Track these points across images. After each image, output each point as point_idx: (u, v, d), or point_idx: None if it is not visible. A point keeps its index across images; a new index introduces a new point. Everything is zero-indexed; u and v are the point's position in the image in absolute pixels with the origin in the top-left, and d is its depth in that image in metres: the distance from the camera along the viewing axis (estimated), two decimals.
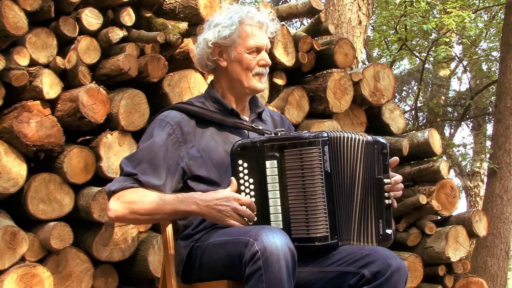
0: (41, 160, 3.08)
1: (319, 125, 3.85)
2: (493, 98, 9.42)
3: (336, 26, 5.62)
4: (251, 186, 2.00)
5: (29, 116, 2.98)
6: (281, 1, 11.59)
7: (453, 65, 12.46)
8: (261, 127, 2.22)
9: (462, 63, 11.22)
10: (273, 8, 4.32)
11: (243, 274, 1.83)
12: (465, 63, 11.15)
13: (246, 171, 2.00)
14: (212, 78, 2.34)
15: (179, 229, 2.19)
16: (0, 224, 2.85)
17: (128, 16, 3.35)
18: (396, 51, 10.80)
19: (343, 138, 2.06)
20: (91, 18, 3.21)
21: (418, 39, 10.83)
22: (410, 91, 13.10)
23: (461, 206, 17.47)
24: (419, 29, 9.36)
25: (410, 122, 11.48)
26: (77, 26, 3.19)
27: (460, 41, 10.57)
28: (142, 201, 2.02)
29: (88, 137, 3.26)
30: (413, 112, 11.37)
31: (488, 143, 11.31)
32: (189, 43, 3.45)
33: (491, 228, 6.70)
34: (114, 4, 3.35)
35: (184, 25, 3.48)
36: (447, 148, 10.91)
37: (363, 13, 5.78)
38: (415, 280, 4.01)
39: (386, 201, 2.09)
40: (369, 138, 2.11)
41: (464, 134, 35.22)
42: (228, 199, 1.94)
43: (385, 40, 11.16)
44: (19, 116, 2.96)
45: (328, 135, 2.02)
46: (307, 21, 6.19)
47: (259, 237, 1.81)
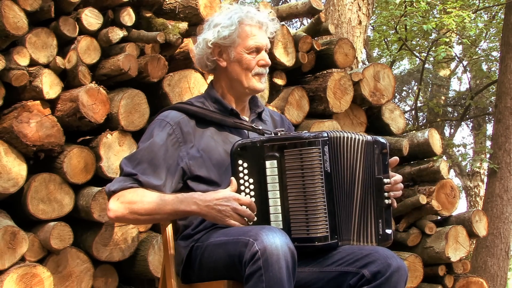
0: (41, 160, 3.08)
1: (319, 125, 3.84)
2: (493, 98, 9.42)
3: (336, 26, 5.62)
4: (251, 186, 2.00)
5: (29, 116, 2.98)
6: (281, 1, 11.59)
7: (453, 65, 12.45)
8: (261, 127, 2.21)
9: (462, 63, 11.21)
10: (273, 8, 4.31)
11: (243, 274, 1.83)
12: (465, 63, 11.15)
13: (246, 171, 2.00)
14: (212, 78, 2.34)
15: (179, 229, 2.19)
16: (0, 224, 2.85)
17: (128, 16, 3.35)
18: (396, 51, 10.80)
19: (343, 138, 2.06)
20: (91, 18, 3.21)
21: (418, 39, 10.83)
22: (410, 91, 13.10)
23: (461, 206, 17.48)
24: (419, 29, 9.36)
25: (410, 122, 11.47)
26: (77, 26, 3.19)
27: (460, 41, 10.57)
28: (142, 201, 2.02)
29: (88, 137, 3.26)
30: (413, 112, 11.37)
31: (488, 143, 11.30)
32: (189, 43, 3.45)
33: (491, 228, 6.70)
34: (114, 4, 3.34)
35: (184, 25, 3.48)
36: (447, 148, 10.91)
37: (363, 13, 5.78)
38: (415, 280, 4.01)
39: (386, 201, 2.09)
40: (369, 138, 2.11)
41: (464, 134, 35.23)
42: (228, 199, 1.94)
43: (385, 40, 11.15)
44: (19, 116, 2.96)
45: (328, 135, 2.02)
46: (307, 21, 6.19)
47: (259, 237, 1.81)
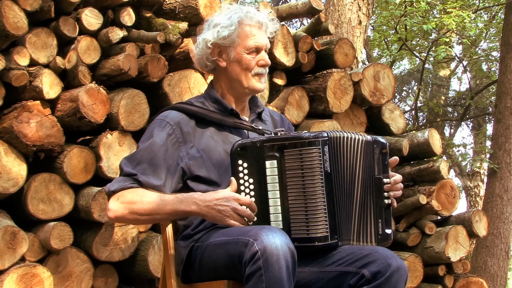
0: (41, 160, 3.08)
1: (319, 125, 3.84)
2: (493, 98, 9.42)
3: (336, 26, 5.62)
4: (251, 186, 2.00)
5: (29, 116, 2.98)
6: (281, 1, 11.59)
7: (453, 65, 12.46)
8: (261, 127, 2.21)
9: (462, 63, 11.21)
10: (273, 8, 4.31)
11: (243, 274, 1.83)
12: (465, 63, 11.15)
13: (246, 171, 2.00)
14: (212, 78, 2.34)
15: (179, 229, 2.19)
16: (0, 224, 2.85)
17: (128, 16, 3.35)
18: (396, 51, 10.80)
19: (343, 138, 2.06)
20: (91, 18, 3.21)
21: (418, 39, 10.83)
22: (410, 91, 13.11)
23: (461, 206, 17.48)
24: (419, 29, 9.36)
25: (410, 122, 11.48)
26: (77, 26, 3.19)
27: (460, 41, 10.57)
28: (142, 201, 2.02)
29: (88, 137, 3.26)
30: (413, 112, 11.37)
31: (488, 143, 11.30)
32: (189, 43, 3.45)
33: (491, 228, 6.70)
34: (114, 4, 3.34)
35: (184, 25, 3.48)
36: (447, 148, 10.91)
37: (363, 13, 5.78)
38: (415, 280, 4.01)
39: (386, 201, 2.09)
40: (369, 138, 2.11)
41: (464, 134, 35.23)
42: (228, 199, 1.94)
43: (385, 40, 11.15)
44: (19, 116, 2.96)
45: (328, 135, 2.02)
46: (307, 21, 6.19)
47: (259, 237, 1.81)
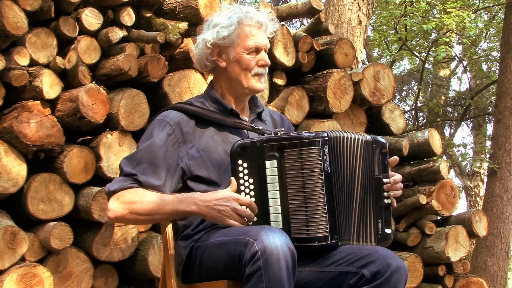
0: (41, 160, 3.08)
1: (319, 125, 3.84)
2: (493, 98, 9.42)
3: (336, 26, 5.62)
4: (251, 186, 1.99)
5: (29, 116, 2.98)
6: (281, 1, 11.59)
7: (453, 65, 12.46)
8: (261, 127, 2.21)
9: (462, 63, 11.22)
10: (273, 8, 4.31)
11: (243, 274, 1.83)
12: (465, 63, 11.15)
13: (246, 171, 2.00)
14: (212, 78, 2.34)
15: (179, 229, 2.19)
16: (0, 224, 2.85)
17: (128, 16, 3.35)
18: (396, 51, 10.80)
19: (343, 138, 2.06)
20: (91, 18, 3.21)
21: (418, 39, 10.83)
22: (410, 91, 13.11)
23: (461, 206, 17.48)
24: (419, 29, 9.35)
25: (410, 122, 11.48)
26: (77, 26, 3.19)
27: (460, 41, 10.57)
28: (142, 201, 2.02)
29: (88, 137, 3.27)
30: (413, 112, 11.38)
31: (488, 143, 11.30)
32: (189, 43, 3.45)
33: (491, 228, 6.70)
34: (114, 4, 3.35)
35: (184, 25, 3.48)
36: (447, 148, 10.91)
37: (363, 13, 5.78)
38: (415, 280, 4.01)
39: (385, 201, 2.09)
40: (368, 138, 2.11)
41: (464, 134, 35.23)
42: (228, 199, 1.94)
43: (385, 40, 11.15)
44: (19, 116, 2.96)
45: (328, 135, 2.02)
46: (307, 21, 6.19)
47: (259, 237, 1.81)
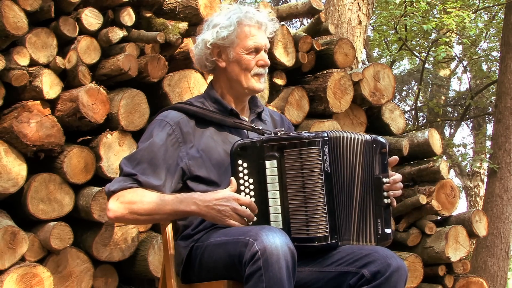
0: (41, 160, 3.08)
1: (319, 125, 3.84)
2: (493, 98, 9.42)
3: (336, 26, 5.62)
4: (251, 186, 1.99)
5: (29, 116, 2.98)
6: (281, 1, 11.59)
7: (453, 65, 12.46)
8: (261, 127, 2.21)
9: (462, 63, 11.22)
10: (273, 8, 4.31)
11: (243, 274, 1.83)
12: (465, 63, 11.15)
13: (246, 171, 2.00)
14: (212, 78, 2.33)
15: (179, 229, 2.19)
16: (0, 224, 2.85)
17: (128, 16, 3.35)
18: (396, 51, 10.80)
19: (343, 138, 2.06)
20: (91, 18, 3.21)
21: (418, 39, 10.83)
22: (410, 91, 13.11)
23: (461, 206, 17.48)
24: (419, 29, 9.36)
25: (410, 122, 11.48)
26: (77, 26, 3.19)
27: (460, 41, 10.57)
28: (142, 201, 2.02)
29: (88, 137, 3.27)
30: (413, 112, 11.38)
31: (488, 143, 11.31)
32: (189, 43, 3.45)
33: (491, 228, 6.70)
34: (114, 4, 3.35)
35: (184, 25, 3.48)
36: (447, 148, 10.91)
37: (363, 13, 5.78)
38: (415, 280, 4.01)
39: (385, 201, 2.09)
40: (368, 138, 2.11)
41: (464, 134, 35.23)
42: (228, 199, 1.94)
43: (385, 40, 11.15)
44: (19, 116, 2.96)
45: (328, 135, 2.02)
46: (307, 21, 6.19)
47: (259, 237, 1.81)
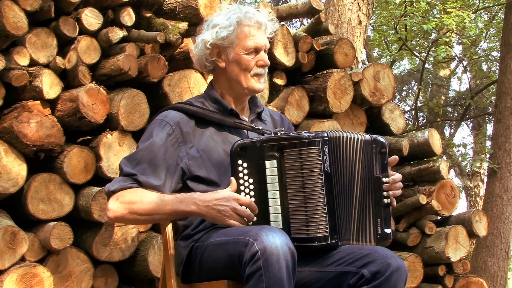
0: (41, 160, 3.09)
1: (319, 125, 3.84)
2: (493, 98, 9.42)
3: (336, 26, 5.62)
4: (251, 186, 1.99)
5: (29, 116, 2.98)
6: (281, 1, 11.59)
7: (453, 65, 12.46)
8: (261, 127, 2.21)
9: (462, 63, 11.22)
10: (273, 8, 4.31)
11: (243, 274, 1.83)
12: (465, 63, 11.15)
13: (246, 171, 2.00)
14: (212, 78, 2.33)
15: (179, 229, 2.19)
16: (0, 224, 2.85)
17: (128, 16, 3.35)
18: (396, 51, 10.80)
19: (343, 138, 2.06)
20: (91, 18, 3.21)
21: (418, 39, 10.83)
22: (410, 91, 13.11)
23: (461, 206, 17.48)
24: (419, 29, 9.36)
25: (410, 122, 11.48)
26: (77, 26, 3.19)
27: (460, 41, 10.57)
28: (142, 201, 2.02)
29: (88, 137, 3.27)
30: (413, 112, 11.38)
31: (488, 143, 11.31)
32: (189, 43, 3.45)
33: (491, 228, 6.70)
34: (114, 4, 3.35)
35: (184, 25, 3.48)
36: (447, 148, 10.91)
37: (363, 13, 5.78)
38: (415, 280, 4.01)
39: (385, 200, 2.09)
40: (368, 137, 2.11)
41: (464, 134, 35.23)
42: (228, 199, 1.94)
43: (385, 40, 11.15)
44: (19, 116, 2.97)
45: (328, 135, 2.02)
46: (307, 21, 6.19)
47: (259, 237, 1.81)
